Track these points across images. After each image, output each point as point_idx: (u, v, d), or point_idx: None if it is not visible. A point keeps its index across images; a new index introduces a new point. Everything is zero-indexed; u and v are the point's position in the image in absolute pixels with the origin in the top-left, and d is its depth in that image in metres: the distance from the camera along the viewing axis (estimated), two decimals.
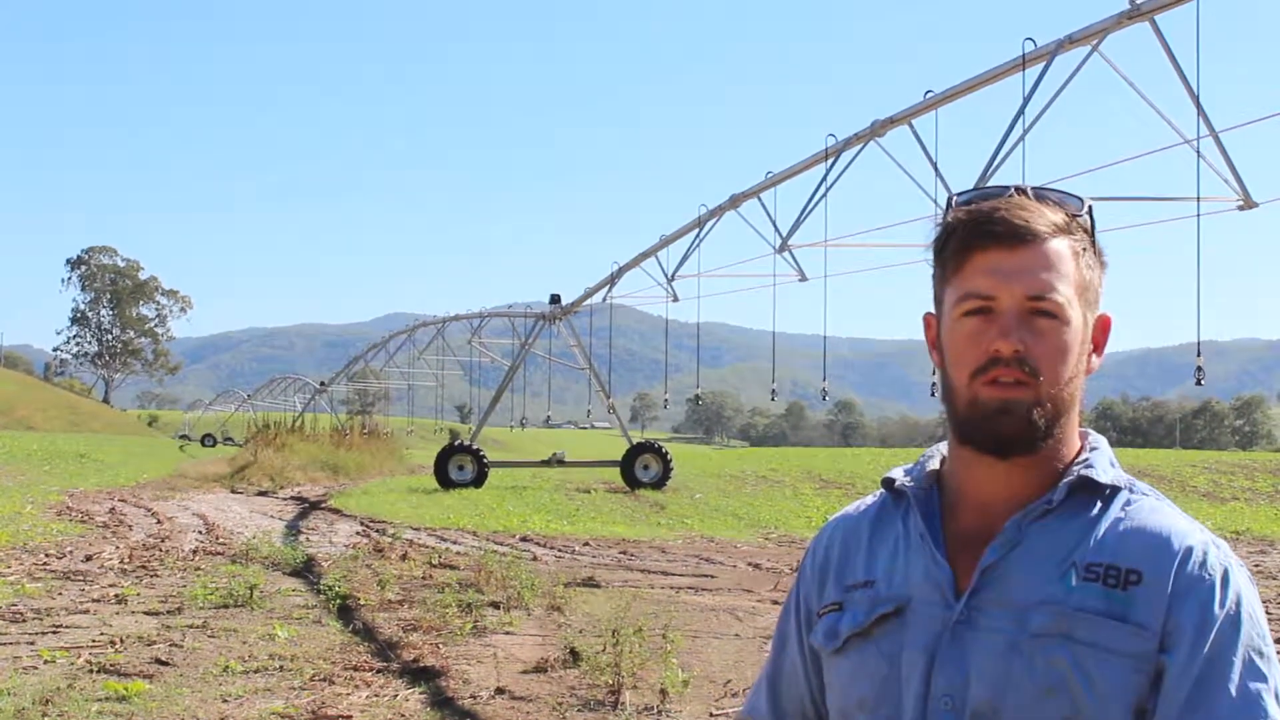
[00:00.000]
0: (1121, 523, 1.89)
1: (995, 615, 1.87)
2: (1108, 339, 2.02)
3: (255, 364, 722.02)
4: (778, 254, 20.81)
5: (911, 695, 1.90)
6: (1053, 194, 1.96)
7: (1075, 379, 1.93)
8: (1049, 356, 1.88)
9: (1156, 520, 1.90)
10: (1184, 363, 15.51)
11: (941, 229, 1.98)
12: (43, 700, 8.85)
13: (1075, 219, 1.94)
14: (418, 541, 21.28)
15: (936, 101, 16.25)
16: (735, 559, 20.37)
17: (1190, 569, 1.83)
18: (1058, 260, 1.89)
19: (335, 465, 46.88)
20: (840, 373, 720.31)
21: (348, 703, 9.19)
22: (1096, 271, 1.96)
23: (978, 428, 1.92)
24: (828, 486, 36.53)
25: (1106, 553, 1.86)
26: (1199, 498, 35.94)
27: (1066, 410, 1.93)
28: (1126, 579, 1.83)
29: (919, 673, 1.90)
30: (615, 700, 9.27)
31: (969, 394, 1.91)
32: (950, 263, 1.95)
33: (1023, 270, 1.87)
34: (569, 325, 38.90)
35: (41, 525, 22.29)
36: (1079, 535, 1.89)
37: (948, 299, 1.96)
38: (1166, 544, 1.85)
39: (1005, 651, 1.84)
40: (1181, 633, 1.79)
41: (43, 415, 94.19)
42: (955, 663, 1.87)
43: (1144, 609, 1.81)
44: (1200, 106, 12.68)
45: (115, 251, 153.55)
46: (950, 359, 1.95)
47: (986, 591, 1.89)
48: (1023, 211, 1.89)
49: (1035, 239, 1.88)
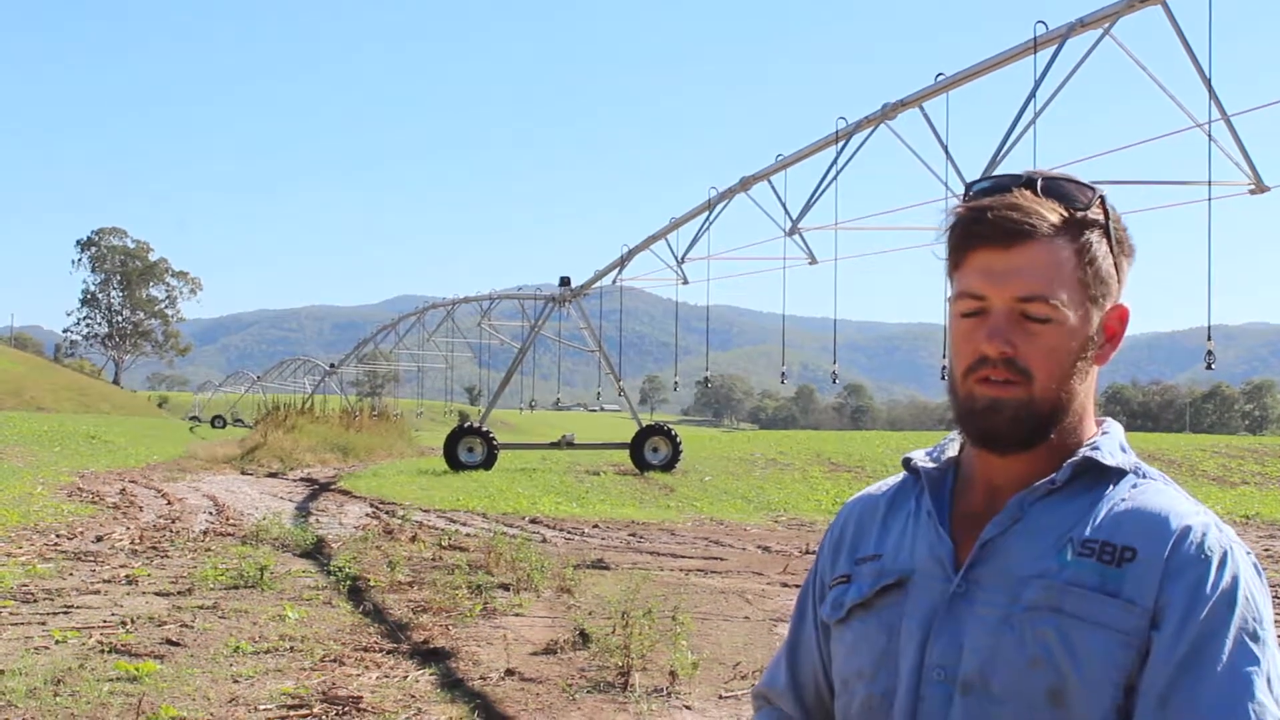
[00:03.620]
0: (1123, 503, 1.90)
1: (991, 589, 1.89)
2: (1124, 330, 2.02)
3: (265, 346, 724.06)
4: (788, 237, 20.76)
5: (907, 666, 1.92)
6: (1065, 185, 1.95)
7: (1074, 377, 1.93)
8: (1040, 357, 1.88)
9: (1158, 501, 1.90)
10: (1194, 347, 15.53)
11: (950, 220, 1.98)
12: (54, 680, 8.88)
13: (1083, 213, 1.93)
14: (427, 523, 21.32)
15: (947, 84, 16.19)
16: (744, 541, 20.38)
17: (1186, 548, 1.83)
18: (1053, 260, 1.88)
19: (345, 447, 46.87)
20: (850, 356, 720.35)
21: (358, 683, 9.21)
22: (1110, 263, 1.95)
23: (970, 423, 1.94)
24: (837, 470, 36.46)
25: (1104, 530, 1.87)
26: (1209, 482, 35.87)
27: (1065, 408, 1.93)
28: (1121, 555, 1.84)
29: (915, 644, 1.92)
30: (625, 682, 9.29)
31: (964, 389, 1.93)
32: (952, 257, 1.96)
33: (1013, 271, 1.87)
34: (579, 307, 38.82)
35: (52, 506, 22.34)
36: (1080, 514, 1.90)
37: (950, 293, 1.98)
38: (1164, 523, 1.86)
39: (997, 624, 1.85)
40: (1172, 609, 1.79)
41: (53, 396, 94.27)
42: (950, 635, 1.89)
43: (1136, 585, 1.81)
44: (1212, 90, 12.65)
45: (125, 233, 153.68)
46: (950, 353, 1.98)
47: (984, 565, 1.91)
48: (1015, 211, 1.89)
49: (1029, 239, 1.88)
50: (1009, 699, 1.82)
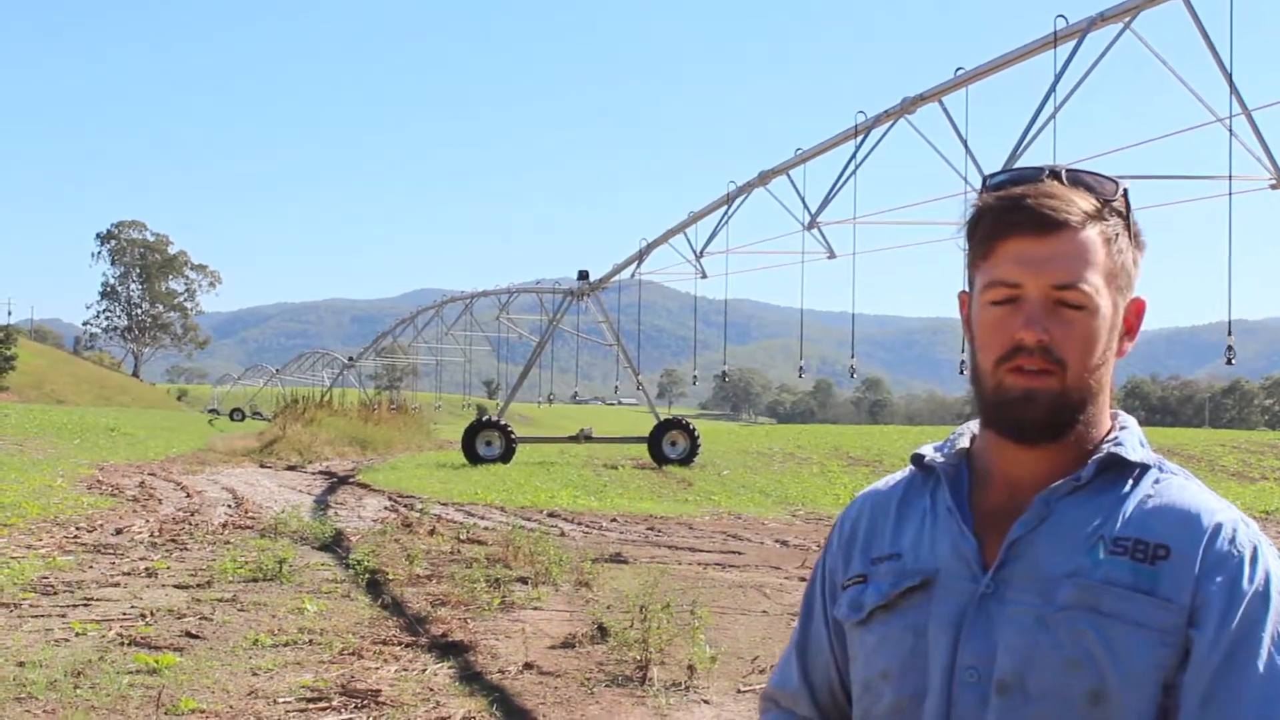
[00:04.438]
0: (1150, 499, 1.90)
1: (1022, 589, 1.87)
2: (1141, 322, 2.02)
3: (283, 339, 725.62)
4: (806, 231, 20.76)
5: (937, 667, 1.91)
6: (1088, 177, 1.95)
7: (1103, 366, 1.93)
8: (1075, 345, 1.88)
9: (1185, 497, 1.90)
10: (1213, 341, 15.46)
11: (973, 211, 1.98)
12: (74, 672, 8.91)
13: (1109, 204, 1.93)
14: (446, 517, 21.34)
15: (967, 79, 16.17)
16: (763, 535, 20.36)
17: (1219, 545, 1.83)
18: (1086, 248, 1.88)
19: (363, 440, 46.91)
20: (868, 350, 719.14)
21: (377, 676, 9.23)
22: (1130, 255, 1.95)
23: (1001, 414, 1.93)
24: (855, 464, 36.42)
25: (1134, 528, 1.86)
26: (1228, 477, 35.75)
27: (1093, 397, 1.93)
28: (1154, 553, 1.83)
29: (945, 645, 1.90)
30: (643, 676, 9.29)
31: (994, 380, 1.92)
32: (979, 248, 1.95)
33: (1050, 259, 1.87)
34: (597, 301, 38.82)
35: (72, 498, 22.43)
36: (1107, 511, 1.89)
37: (977, 283, 1.96)
38: (1195, 520, 1.86)
39: (1032, 625, 1.84)
40: (1210, 607, 1.79)
41: (73, 389, 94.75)
42: (982, 635, 1.87)
43: (1171, 583, 1.81)
44: (1233, 84, 12.61)
45: (145, 226, 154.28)
46: (978, 344, 1.96)
47: (1013, 565, 1.89)
48: (1051, 200, 1.89)
49: (1064, 227, 1.88)
50: (1046, 699, 1.81)
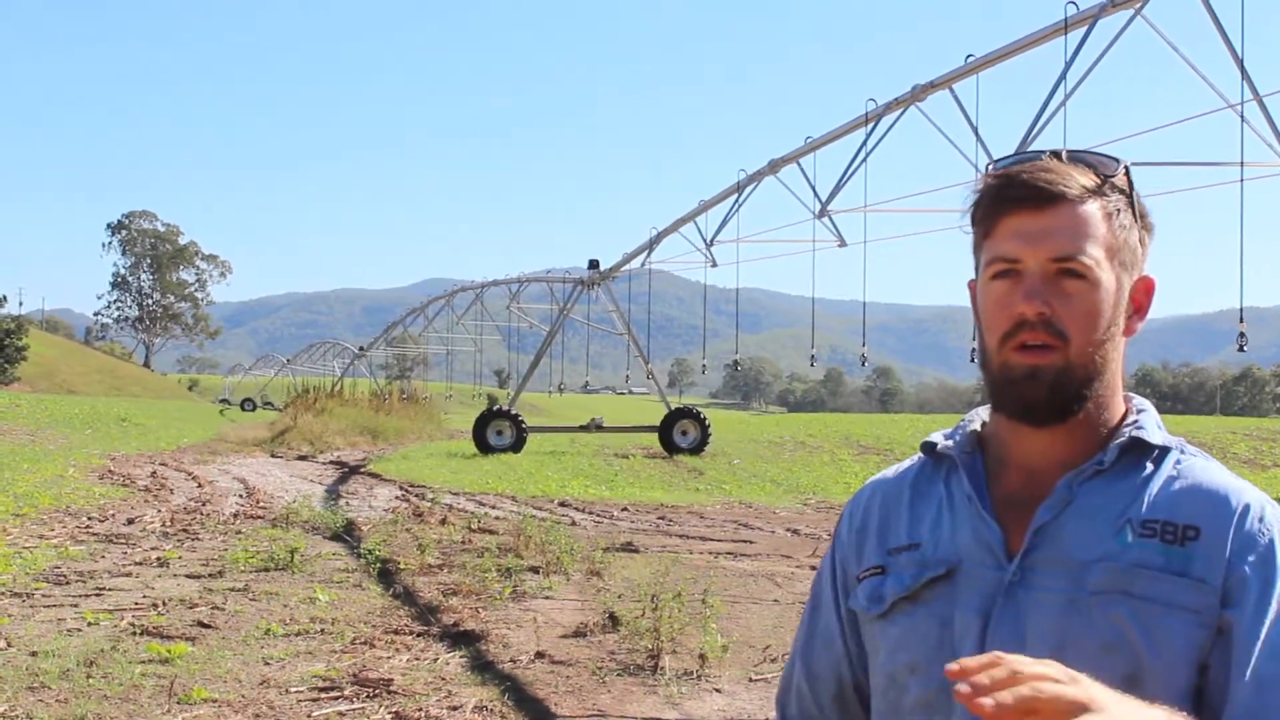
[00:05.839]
0: (1175, 481, 1.88)
1: (1050, 574, 1.85)
2: (1151, 301, 2.00)
3: (294, 329, 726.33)
4: (817, 219, 20.73)
5: (966, 657, 1.88)
6: (1089, 155, 1.94)
7: (1109, 342, 1.91)
8: (1077, 319, 1.86)
9: (1210, 478, 1.89)
10: (1224, 329, 15.44)
11: (974, 195, 1.97)
12: (86, 662, 8.94)
13: (1109, 180, 1.92)
14: (457, 506, 21.38)
15: (978, 66, 16.12)
16: (773, 524, 20.37)
17: (1249, 525, 1.82)
18: (1086, 222, 1.87)
19: (374, 430, 46.98)
20: (879, 338, 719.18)
21: (389, 666, 9.25)
22: (1135, 233, 1.94)
23: (1007, 393, 1.90)
24: (866, 453, 36.41)
25: (1162, 509, 1.85)
26: (1240, 465, 35.68)
27: (1099, 374, 1.91)
28: (1184, 535, 1.82)
29: (974, 635, 1.88)
30: (655, 665, 9.30)
31: (1000, 359, 1.90)
32: (980, 228, 1.94)
33: (1048, 232, 1.86)
34: (607, 290, 38.78)
35: (84, 488, 22.50)
36: (1132, 494, 1.87)
37: (980, 264, 1.95)
38: (1224, 500, 1.84)
39: (1063, 610, 1.82)
40: (1246, 587, 1.78)
41: (84, 379, 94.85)
42: (1011, 623, 1.85)
43: (1203, 564, 1.80)
44: (1244, 70, 12.57)
45: (155, 216, 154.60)
46: (983, 324, 1.94)
47: (1040, 551, 1.87)
48: (1048, 174, 1.88)
49: (1061, 201, 1.86)
50: None
